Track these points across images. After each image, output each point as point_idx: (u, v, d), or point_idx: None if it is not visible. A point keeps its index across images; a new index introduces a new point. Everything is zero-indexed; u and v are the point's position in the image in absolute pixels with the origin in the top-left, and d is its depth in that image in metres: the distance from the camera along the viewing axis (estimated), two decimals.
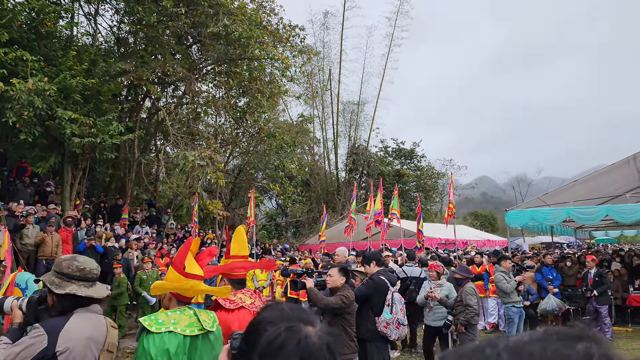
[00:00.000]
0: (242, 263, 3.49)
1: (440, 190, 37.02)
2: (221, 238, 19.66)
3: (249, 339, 1.10)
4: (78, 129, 12.46)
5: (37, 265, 11.11)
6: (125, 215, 16.28)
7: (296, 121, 31.53)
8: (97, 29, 17.94)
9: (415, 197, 26.31)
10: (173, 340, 2.42)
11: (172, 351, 2.38)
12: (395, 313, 4.96)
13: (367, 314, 5.09)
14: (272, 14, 17.92)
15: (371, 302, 5.13)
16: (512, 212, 12.27)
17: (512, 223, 12.45)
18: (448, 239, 19.31)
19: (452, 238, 14.78)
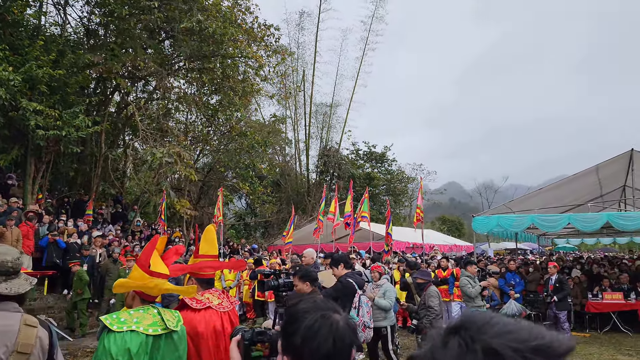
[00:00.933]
0: (211, 263, 3.45)
1: (410, 194, 37.45)
2: (189, 237, 19.40)
3: (290, 327, 1.33)
4: (43, 120, 12.12)
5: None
6: (89, 211, 15.88)
7: (268, 121, 31.37)
8: (66, 19, 17.47)
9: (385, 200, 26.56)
10: (135, 340, 2.36)
11: (134, 350, 2.33)
12: (362, 316, 4.97)
13: None
14: (247, 13, 17.81)
15: (338, 304, 5.12)
16: (479, 218, 12.51)
17: (478, 229, 12.68)
18: (416, 243, 19.53)
19: (420, 242, 14.97)
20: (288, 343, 1.32)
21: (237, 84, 18.35)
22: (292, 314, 1.37)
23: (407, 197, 37.27)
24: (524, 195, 14.83)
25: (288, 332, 1.33)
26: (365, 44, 34.80)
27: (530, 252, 29.10)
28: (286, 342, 1.33)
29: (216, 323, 3.15)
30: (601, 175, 12.98)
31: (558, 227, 12.08)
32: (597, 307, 11.35)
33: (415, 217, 13.76)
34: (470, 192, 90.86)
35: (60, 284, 12.32)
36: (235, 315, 3.43)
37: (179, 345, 2.61)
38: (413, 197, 37.16)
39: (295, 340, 1.28)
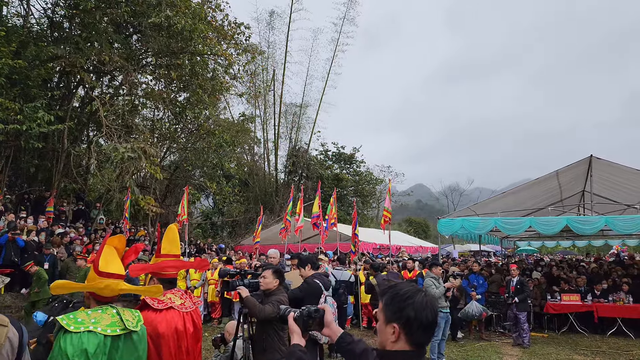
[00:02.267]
0: (173, 262, 3.41)
1: (378, 196, 37.79)
2: (154, 235, 19.07)
3: (402, 302, 1.78)
4: (2, 114, 11.72)
5: None
6: (50, 208, 15.41)
7: (237, 120, 31.09)
8: (29, 11, 16.93)
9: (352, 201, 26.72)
10: (92, 340, 2.31)
11: (91, 351, 2.28)
12: None
13: None
14: (218, 10, 17.66)
15: (303, 305, 5.11)
16: (444, 221, 12.72)
17: (444, 231, 12.90)
18: (383, 244, 19.72)
19: (387, 243, 15.10)
20: (400, 315, 1.77)
21: (206, 82, 18.15)
22: (402, 294, 1.81)
23: (374, 198, 37.60)
24: (488, 199, 15.14)
25: (401, 306, 1.78)
26: (335, 46, 34.93)
27: (493, 254, 29.76)
28: (398, 313, 1.77)
29: (178, 324, 3.11)
30: (561, 180, 13.39)
31: (520, 230, 12.39)
32: (556, 309, 11.71)
33: (382, 219, 13.87)
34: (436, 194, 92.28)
35: (19, 283, 11.92)
36: (199, 315, 3.39)
37: (138, 345, 2.56)
38: (381, 199, 37.52)
39: (409, 313, 1.75)
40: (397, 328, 1.77)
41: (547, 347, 10.01)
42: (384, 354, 1.83)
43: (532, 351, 9.64)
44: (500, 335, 11.54)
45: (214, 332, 11.29)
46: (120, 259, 2.77)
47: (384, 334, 1.83)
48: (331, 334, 2.20)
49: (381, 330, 1.85)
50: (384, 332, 1.83)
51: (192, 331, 3.21)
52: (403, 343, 1.77)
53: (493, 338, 11.13)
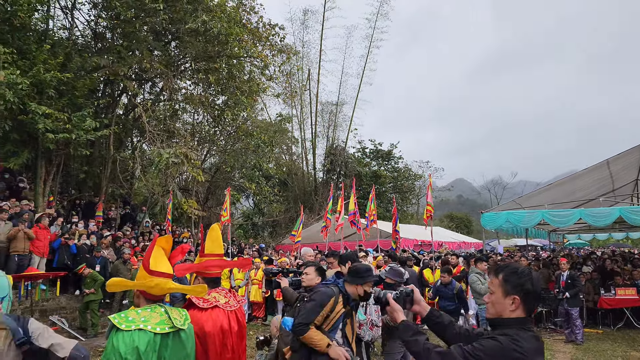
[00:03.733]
0: (217, 261, 3.46)
1: (417, 191, 37.34)
2: (197, 237, 19.48)
3: (522, 277, 2.13)
4: (52, 124, 12.23)
5: (8, 261, 10.89)
6: (99, 212, 16.00)
7: (274, 120, 31.42)
8: (73, 23, 17.59)
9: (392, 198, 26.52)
10: (143, 338, 2.39)
11: (142, 349, 2.36)
12: (369, 314, 4.96)
13: None
14: (252, 12, 17.84)
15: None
16: (488, 215, 12.46)
17: (487, 225, 12.62)
18: (424, 240, 19.49)
19: (429, 239, 14.92)
20: (521, 288, 2.11)
21: (243, 84, 18.41)
22: (520, 271, 2.15)
23: (414, 194, 37.16)
24: (533, 191, 14.72)
25: (521, 281, 2.11)
26: (370, 42, 34.80)
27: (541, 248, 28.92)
28: (518, 287, 2.11)
29: (223, 322, 3.16)
30: (613, 169, 12.86)
31: (569, 223, 11.96)
32: (610, 304, 11.25)
33: (425, 214, 13.68)
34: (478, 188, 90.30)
35: (72, 285, 12.44)
36: (242, 313, 3.44)
37: (186, 343, 2.63)
38: (420, 195, 37.07)
39: (528, 286, 2.10)
40: (518, 299, 2.10)
41: (601, 344, 9.64)
42: (501, 322, 2.14)
43: (586, 348, 9.28)
44: (551, 331, 11.16)
45: (258, 331, 11.45)
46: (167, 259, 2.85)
47: (501, 305, 2.15)
48: (421, 310, 2.55)
49: (498, 302, 2.17)
50: (501, 303, 2.15)
51: (237, 329, 3.26)
52: (520, 311, 2.11)
53: (544, 335, 10.78)
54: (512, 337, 2.01)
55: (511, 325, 2.09)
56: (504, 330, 2.08)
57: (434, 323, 2.46)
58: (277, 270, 5.08)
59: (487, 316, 2.24)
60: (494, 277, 2.21)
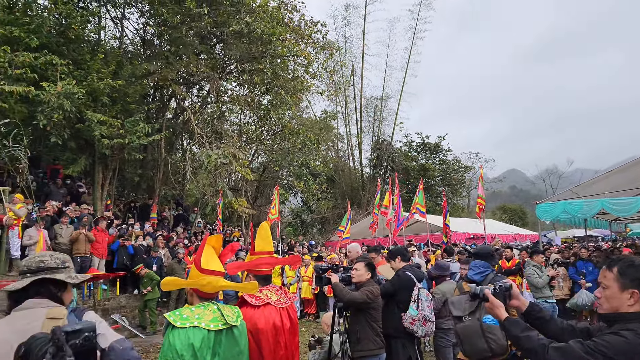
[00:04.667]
0: (267, 259, 3.49)
1: (467, 184, 36.50)
2: (248, 236, 19.82)
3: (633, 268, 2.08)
4: (107, 130, 12.72)
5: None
6: (154, 214, 16.56)
7: (319, 118, 31.49)
8: (123, 32, 18.28)
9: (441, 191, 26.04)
10: (197, 335, 2.44)
11: (197, 346, 2.41)
12: (422, 309, 4.87)
13: (393, 310, 5.02)
14: (294, 11, 17.96)
15: (396, 298, 5.06)
16: (543, 205, 11.99)
17: (543, 216, 12.14)
18: (476, 234, 19.03)
19: (481, 232, 14.55)
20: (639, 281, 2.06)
21: (287, 83, 18.56)
22: (638, 263, 2.09)
23: (464, 187, 36.34)
24: (592, 179, 14.03)
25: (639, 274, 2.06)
26: (413, 33, 34.24)
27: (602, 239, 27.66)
28: (637, 280, 2.05)
29: (275, 319, 3.19)
30: None
31: (632, 211, 11.32)
32: None
33: (477, 207, 13.34)
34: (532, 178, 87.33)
35: (131, 284, 12.94)
36: (294, 310, 3.46)
37: (239, 340, 2.67)
38: (471, 187, 36.23)
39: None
40: (637, 293, 2.05)
41: None
42: (620, 317, 2.08)
43: None
44: None
45: (310, 327, 11.54)
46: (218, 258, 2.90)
47: (617, 299, 2.10)
48: (520, 305, 2.54)
49: (614, 296, 2.11)
50: (618, 298, 2.10)
51: (289, 326, 3.28)
52: (639, 306, 2.05)
53: None
54: (636, 332, 1.96)
55: (632, 320, 2.03)
56: (625, 325, 2.03)
57: (534, 318, 2.43)
58: (327, 267, 5.08)
59: (601, 311, 2.19)
60: (607, 270, 2.16)
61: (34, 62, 11.60)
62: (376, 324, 4.63)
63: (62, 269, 2.29)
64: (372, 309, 4.62)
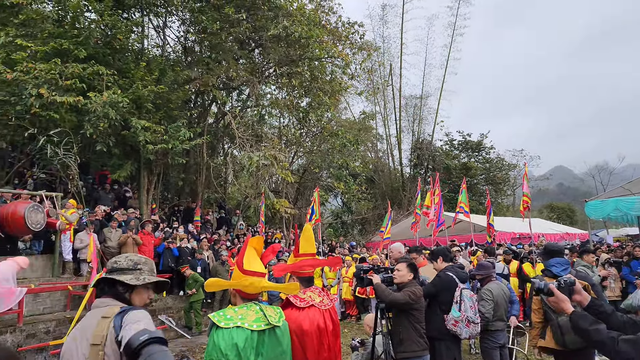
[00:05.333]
0: (310, 261, 3.51)
1: (512, 182, 35.55)
2: (289, 237, 19.98)
3: None
4: (151, 136, 13.08)
5: None
6: (197, 217, 16.93)
7: (358, 118, 31.41)
8: (165, 40, 18.78)
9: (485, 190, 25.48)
10: (241, 335, 2.48)
11: (241, 345, 2.45)
12: (465, 310, 4.79)
13: (435, 311, 4.97)
14: (331, 13, 18.03)
15: (438, 300, 5.00)
16: (593, 203, 11.59)
17: (593, 214, 11.76)
18: (522, 233, 18.52)
19: (527, 232, 14.16)
20: None
21: (325, 84, 18.63)
22: None
23: (508, 185, 35.41)
24: None
25: None
26: (453, 30, 33.73)
27: None
28: None
29: (319, 321, 3.20)
30: None
31: None
32: None
33: (521, 205, 12.96)
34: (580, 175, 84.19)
35: (176, 286, 13.27)
36: (335, 312, 3.47)
37: (282, 340, 2.69)
38: (515, 185, 35.27)
39: None
40: None
41: None
42: None
43: None
44: None
45: (352, 329, 11.51)
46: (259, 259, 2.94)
47: None
48: (582, 300, 2.55)
49: None
50: None
51: (332, 328, 3.29)
52: None
53: None
54: None
55: None
56: None
57: (596, 312, 2.42)
58: (369, 267, 5.06)
59: None
60: None
61: (82, 72, 12.05)
62: (419, 325, 4.58)
63: (132, 271, 2.38)
64: (414, 310, 4.57)
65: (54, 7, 13.68)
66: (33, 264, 10.10)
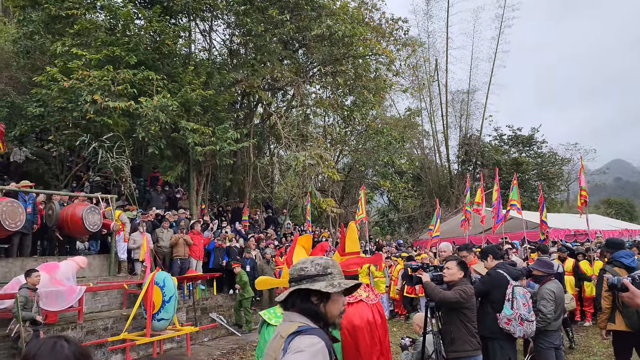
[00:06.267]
0: (356, 259, 3.57)
1: (565, 177, 34.20)
2: (335, 236, 20.00)
3: None
4: (199, 138, 13.41)
5: (172, 265, 12.16)
6: (245, 217, 17.22)
7: (403, 115, 31.04)
8: (211, 44, 19.20)
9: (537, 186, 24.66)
10: None
11: None
12: (517, 308, 4.65)
13: (487, 310, 4.85)
14: (374, 10, 17.92)
15: (489, 298, 4.88)
16: None
17: None
18: (577, 230, 17.78)
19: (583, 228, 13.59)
20: None
21: (369, 82, 18.54)
22: None
23: (562, 180, 34.07)
24: None
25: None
26: (500, 22, 32.76)
27: None
28: None
29: (369, 315, 3.25)
30: None
31: None
32: None
33: (579, 201, 12.39)
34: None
35: (226, 284, 13.55)
36: (381, 307, 3.50)
37: None
38: (569, 180, 33.92)
39: None
40: None
41: None
42: None
43: None
44: None
45: (401, 328, 11.41)
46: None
47: None
48: None
49: None
50: None
51: (381, 322, 3.32)
52: None
53: None
54: None
55: None
56: None
57: None
58: (418, 266, 4.99)
59: None
60: None
61: (133, 78, 12.50)
62: (471, 325, 4.48)
63: (323, 276, 2.07)
64: (466, 308, 4.47)
65: (106, 17, 14.24)
66: (91, 264, 10.55)
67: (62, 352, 1.50)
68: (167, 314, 8.51)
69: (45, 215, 10.50)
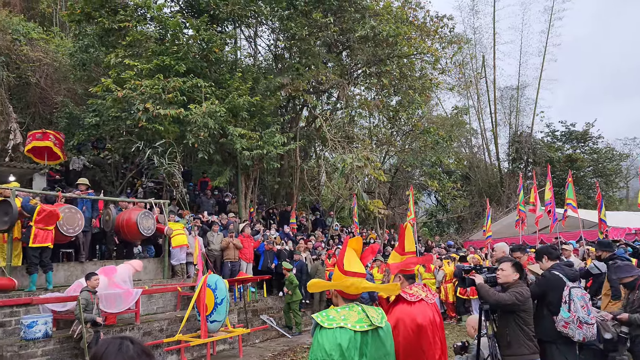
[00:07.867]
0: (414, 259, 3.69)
1: (624, 173, 32.59)
2: (383, 237, 19.86)
3: None
4: (247, 143, 13.65)
5: (223, 268, 12.42)
6: (293, 219, 17.37)
7: (450, 114, 30.48)
8: (257, 50, 19.54)
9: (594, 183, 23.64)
10: (344, 335, 2.51)
11: (344, 346, 2.47)
12: (575, 311, 4.45)
13: (544, 313, 4.70)
14: (418, 8, 17.72)
15: (545, 300, 4.71)
16: None
17: None
18: (639, 229, 16.93)
19: None
20: None
21: (415, 82, 18.33)
22: None
23: (621, 177, 32.48)
24: None
25: None
26: (550, 14, 31.62)
27: None
28: None
29: (429, 314, 3.28)
30: None
31: None
32: None
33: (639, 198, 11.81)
34: None
35: (276, 287, 13.71)
36: (437, 307, 3.51)
37: (385, 341, 2.68)
38: (629, 177, 32.31)
39: None
40: None
41: None
42: None
43: None
44: None
45: (453, 330, 11.19)
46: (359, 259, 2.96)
47: None
48: None
49: None
50: None
51: (439, 321, 3.35)
52: None
53: None
54: None
55: None
56: None
57: None
58: (470, 267, 4.90)
59: None
60: None
61: (182, 86, 12.88)
62: (528, 328, 4.34)
63: None
64: (522, 311, 4.34)
65: (155, 27, 14.75)
66: (146, 267, 10.89)
67: (127, 352, 1.58)
68: (220, 315, 8.70)
69: (103, 220, 10.97)
